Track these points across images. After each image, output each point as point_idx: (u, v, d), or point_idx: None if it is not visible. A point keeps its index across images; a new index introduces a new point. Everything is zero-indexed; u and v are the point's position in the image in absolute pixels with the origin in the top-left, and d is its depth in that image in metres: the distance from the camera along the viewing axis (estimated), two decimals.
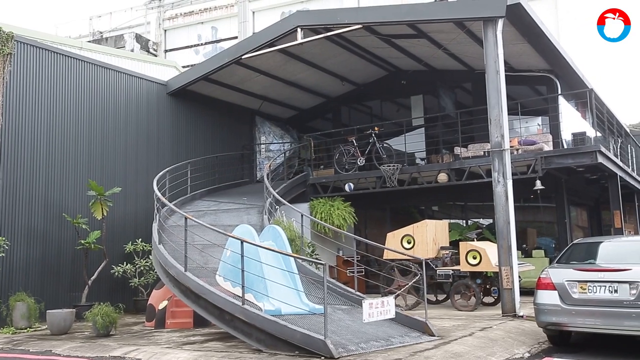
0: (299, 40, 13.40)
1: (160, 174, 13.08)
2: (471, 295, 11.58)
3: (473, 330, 8.65)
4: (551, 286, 7.52)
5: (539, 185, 13.05)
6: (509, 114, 11.03)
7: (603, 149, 12.83)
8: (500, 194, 10.52)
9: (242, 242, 8.03)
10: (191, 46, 30.29)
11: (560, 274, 7.56)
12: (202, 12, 30.26)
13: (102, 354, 8.03)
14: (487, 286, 12.07)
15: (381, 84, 18.05)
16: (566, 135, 14.48)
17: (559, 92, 14.52)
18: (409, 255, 10.70)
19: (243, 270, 7.90)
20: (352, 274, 10.76)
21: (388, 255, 12.04)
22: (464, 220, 16.61)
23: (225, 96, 16.95)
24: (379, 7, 14.06)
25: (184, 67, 19.53)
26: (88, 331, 10.14)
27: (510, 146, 11.34)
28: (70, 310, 10.60)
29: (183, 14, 30.67)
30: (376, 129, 15.77)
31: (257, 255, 8.50)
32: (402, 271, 12.04)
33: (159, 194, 11.30)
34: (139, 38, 26.59)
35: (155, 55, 26.53)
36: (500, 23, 10.86)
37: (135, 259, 13.34)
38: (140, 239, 13.55)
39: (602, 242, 8.65)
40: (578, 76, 14.79)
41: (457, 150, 14.73)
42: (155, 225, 10.95)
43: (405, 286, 10.56)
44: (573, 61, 14.41)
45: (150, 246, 11.85)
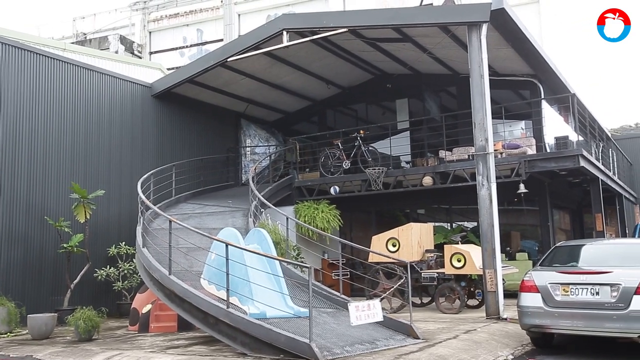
0: (285, 43, 13.40)
1: (145, 176, 12.96)
2: (455, 298, 11.65)
3: (457, 333, 8.70)
4: (534, 289, 7.58)
5: (522, 188, 13.16)
6: (493, 118, 11.14)
7: (585, 153, 12.99)
8: (484, 197, 10.61)
9: (227, 245, 7.99)
10: (176, 48, 30.17)
11: (543, 277, 7.62)
12: (188, 14, 30.15)
13: (84, 358, 7.93)
14: (472, 289, 12.16)
15: (367, 88, 18.13)
16: (549, 139, 14.65)
17: (542, 97, 14.68)
18: (394, 258, 10.72)
19: (228, 274, 7.86)
20: (338, 277, 10.77)
21: (373, 258, 12.05)
22: (449, 223, 16.70)
23: (210, 99, 16.89)
24: (364, 11, 14.15)
25: (169, 70, 19.46)
26: (70, 336, 10.01)
27: (494, 150, 11.44)
28: (52, 315, 10.46)
29: (168, 16, 30.53)
30: (362, 132, 15.83)
31: (242, 258, 8.46)
32: (387, 274, 12.06)
33: (143, 197, 11.20)
34: (123, 40, 26.43)
35: (140, 57, 26.37)
36: (484, 28, 10.97)
37: (119, 262, 13.22)
38: (123, 242, 13.43)
39: (585, 245, 8.75)
40: (561, 81, 14.99)
41: (442, 153, 14.83)
42: (139, 228, 10.86)
43: (391, 289, 10.57)
44: (556, 66, 14.59)
45: (134, 249, 11.74)
